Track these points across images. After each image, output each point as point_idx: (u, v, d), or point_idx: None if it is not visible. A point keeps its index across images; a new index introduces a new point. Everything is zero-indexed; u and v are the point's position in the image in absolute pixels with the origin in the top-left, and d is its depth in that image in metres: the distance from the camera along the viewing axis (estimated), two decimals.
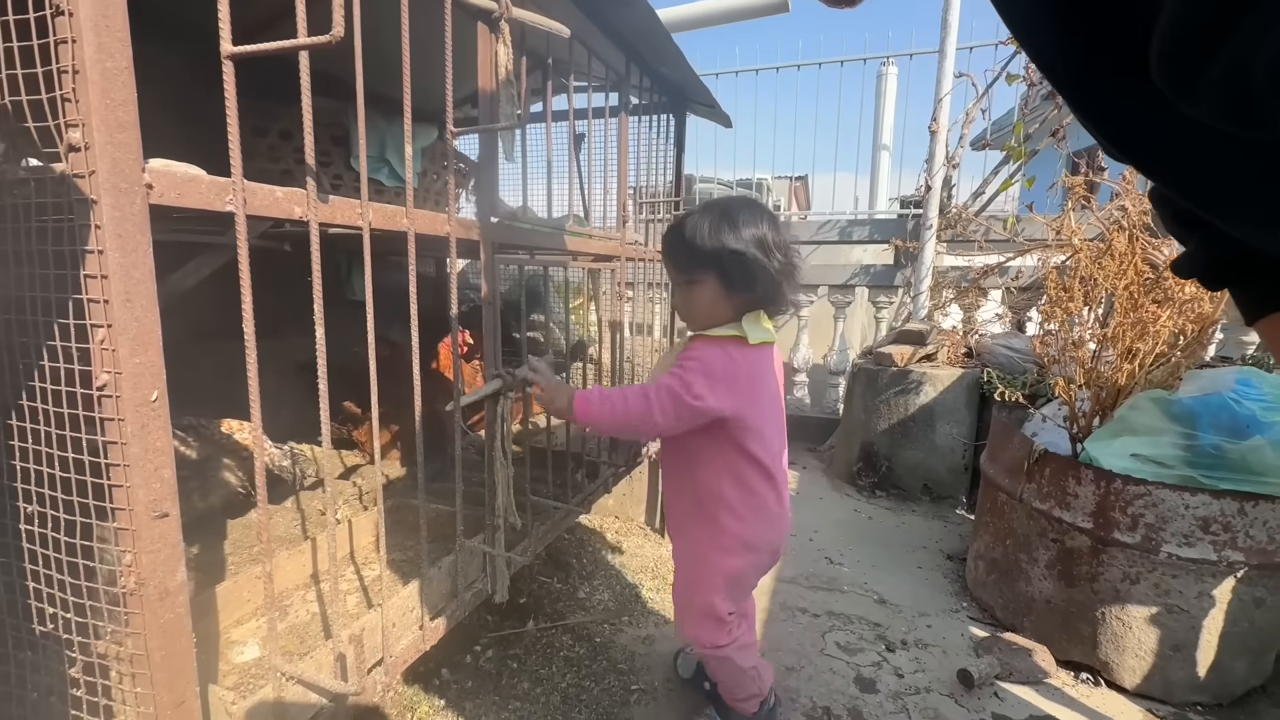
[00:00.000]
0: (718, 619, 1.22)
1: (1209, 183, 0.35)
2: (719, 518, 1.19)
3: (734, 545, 1.20)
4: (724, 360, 1.11)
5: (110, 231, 0.57)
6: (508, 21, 1.07)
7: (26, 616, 0.69)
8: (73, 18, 0.54)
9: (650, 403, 1.08)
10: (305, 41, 0.65)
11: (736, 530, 1.19)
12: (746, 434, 1.15)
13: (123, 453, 0.60)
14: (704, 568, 1.23)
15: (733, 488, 1.18)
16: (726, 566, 1.21)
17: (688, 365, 1.10)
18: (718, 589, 1.22)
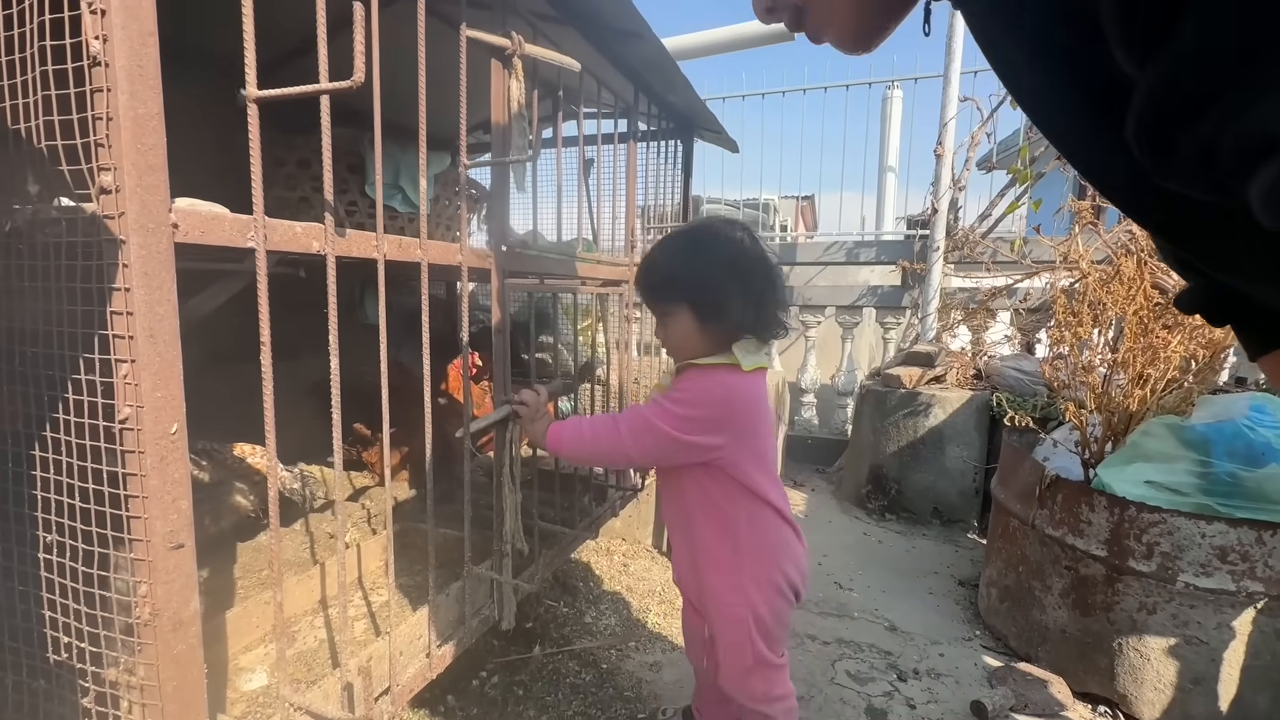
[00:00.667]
0: (766, 666, 1.13)
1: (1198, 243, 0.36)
2: (740, 562, 1.10)
3: (760, 592, 1.11)
4: (719, 389, 1.05)
5: (137, 270, 0.58)
6: (521, 58, 1.10)
7: (42, 645, 0.69)
8: (108, 68, 0.56)
9: (619, 432, 1.03)
10: (327, 87, 0.67)
11: (754, 571, 1.11)
12: (752, 469, 1.08)
13: (142, 484, 0.61)
14: (735, 623, 1.12)
15: (747, 528, 1.10)
16: (758, 612, 1.11)
17: (677, 398, 1.04)
18: (756, 639, 1.11)
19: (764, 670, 1.13)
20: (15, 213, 0.65)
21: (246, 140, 0.69)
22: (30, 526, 0.68)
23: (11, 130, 0.62)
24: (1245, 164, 0.25)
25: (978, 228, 3.41)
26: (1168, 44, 0.25)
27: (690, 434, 1.02)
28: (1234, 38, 0.24)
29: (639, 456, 1.06)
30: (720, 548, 1.12)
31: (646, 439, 1.03)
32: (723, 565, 1.12)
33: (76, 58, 0.58)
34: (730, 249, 1.07)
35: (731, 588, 1.12)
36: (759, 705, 1.15)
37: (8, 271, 0.66)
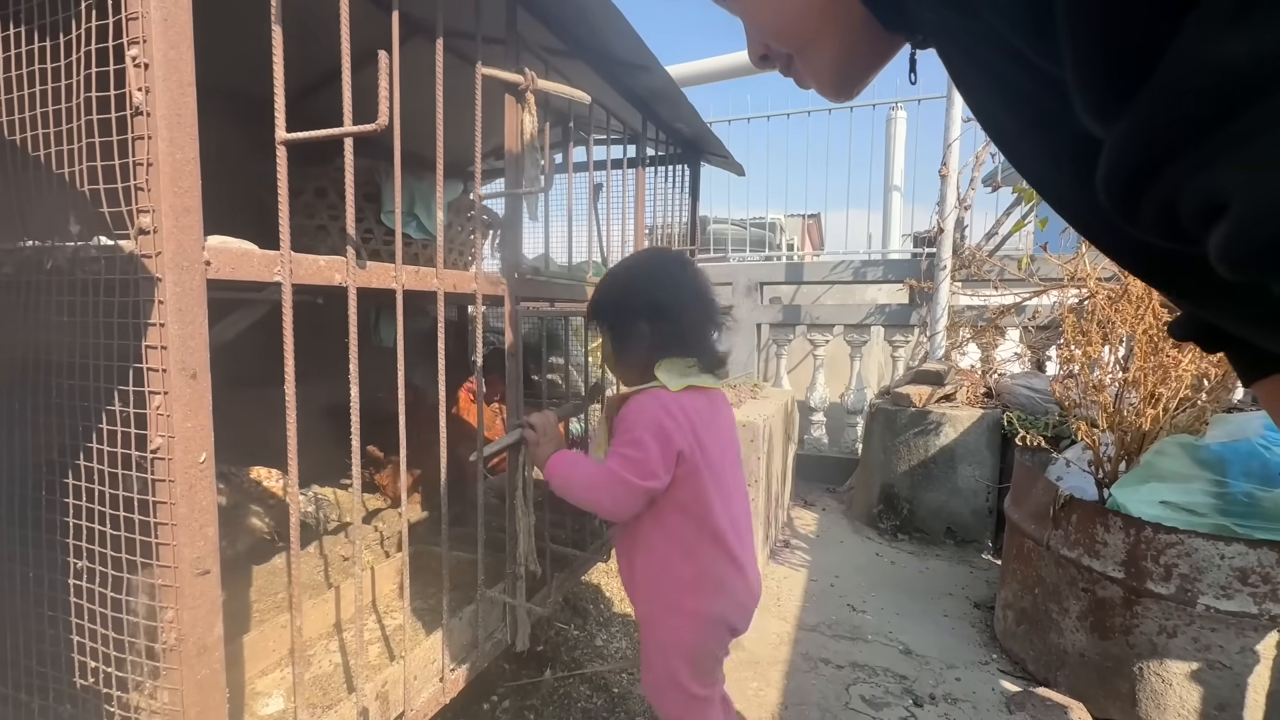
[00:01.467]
0: (685, 692, 1.11)
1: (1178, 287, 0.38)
2: (671, 592, 1.09)
3: (689, 622, 1.09)
4: (653, 408, 1.03)
5: (172, 306, 0.61)
6: (533, 92, 1.14)
7: (69, 670, 0.71)
8: (150, 117, 0.60)
9: (600, 495, 1.01)
10: (352, 130, 0.71)
11: (687, 601, 1.09)
12: (691, 491, 1.05)
13: (171, 512, 0.63)
14: (660, 649, 1.13)
15: (680, 555, 1.08)
16: (682, 640, 1.10)
17: (625, 441, 1.01)
18: (676, 661, 1.11)
19: (682, 697, 1.11)
20: (57, 250, 0.68)
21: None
22: (61, 553, 0.70)
23: (57, 174, 0.66)
24: (1200, 226, 0.27)
25: (984, 246, 3.43)
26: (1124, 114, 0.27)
27: (649, 479, 1.00)
28: (1184, 110, 0.25)
29: (615, 509, 1.02)
30: (658, 574, 1.10)
31: (621, 493, 1.00)
32: (656, 591, 1.11)
33: (120, 108, 0.61)
34: (645, 279, 1.10)
35: (663, 613, 1.11)
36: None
37: (47, 307, 0.69)
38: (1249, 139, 0.23)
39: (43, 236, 0.71)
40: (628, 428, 1.02)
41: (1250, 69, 0.23)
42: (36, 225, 0.71)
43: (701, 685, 1.11)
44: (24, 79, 0.68)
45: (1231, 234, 0.25)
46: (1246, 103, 0.23)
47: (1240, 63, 0.23)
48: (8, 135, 0.69)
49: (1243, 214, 0.24)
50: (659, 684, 1.13)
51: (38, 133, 0.68)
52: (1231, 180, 0.24)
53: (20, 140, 0.68)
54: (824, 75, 0.51)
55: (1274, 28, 0.22)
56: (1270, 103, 0.23)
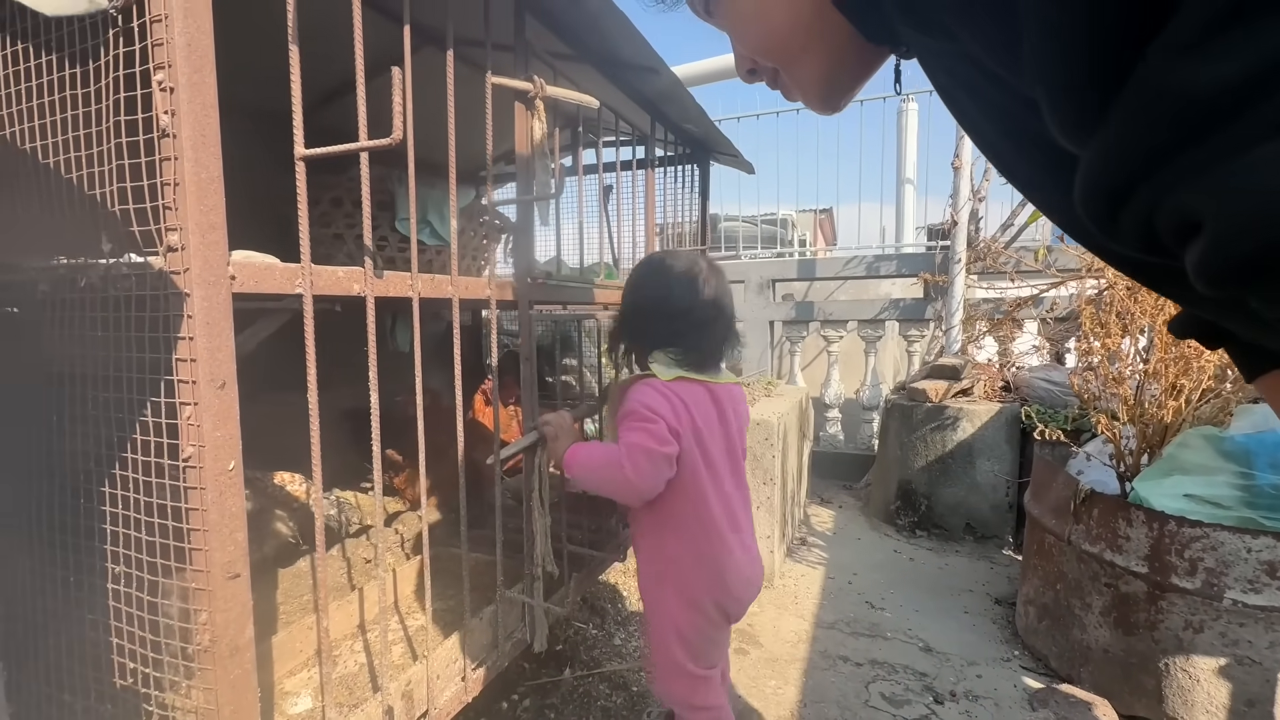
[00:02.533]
0: (686, 673, 1.16)
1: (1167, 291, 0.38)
2: (665, 571, 1.15)
3: (679, 601, 1.14)
4: (648, 393, 1.09)
5: (200, 320, 0.64)
6: (542, 99, 1.16)
7: (109, 670, 0.74)
8: (176, 139, 0.62)
9: (623, 466, 1.04)
10: (367, 145, 0.73)
11: (680, 582, 1.13)
12: (685, 475, 1.09)
13: (202, 518, 0.66)
14: (655, 622, 1.18)
15: (674, 535, 1.13)
16: (677, 621, 1.15)
17: (641, 414, 1.06)
18: (674, 644, 1.15)
19: (684, 678, 1.17)
20: (90, 268, 0.71)
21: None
22: (99, 558, 0.73)
23: (89, 195, 0.69)
24: (1177, 243, 0.27)
25: (1000, 237, 3.38)
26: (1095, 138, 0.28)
27: (666, 445, 1.05)
28: (1151, 136, 0.26)
29: (639, 481, 1.06)
30: (653, 556, 1.17)
31: (647, 465, 1.04)
32: (651, 573, 1.18)
33: (147, 130, 0.64)
34: (654, 278, 1.17)
35: (656, 596, 1.17)
36: (683, 711, 1.20)
37: (82, 322, 0.72)
38: (1213, 164, 0.24)
39: (76, 255, 0.74)
40: (630, 409, 1.08)
41: (1211, 96, 0.24)
42: (70, 244, 0.74)
43: (699, 665, 1.17)
44: (57, 105, 0.71)
45: (1206, 252, 0.25)
46: (1209, 129, 0.24)
47: (1201, 90, 0.24)
48: (44, 159, 0.72)
49: (1216, 233, 0.25)
50: (661, 666, 1.19)
51: (70, 155, 0.71)
52: (1203, 201, 0.25)
53: (55, 163, 0.71)
54: (811, 89, 0.52)
55: (1231, 58, 0.23)
56: (1234, 128, 0.23)
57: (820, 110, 0.55)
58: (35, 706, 0.78)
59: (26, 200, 0.76)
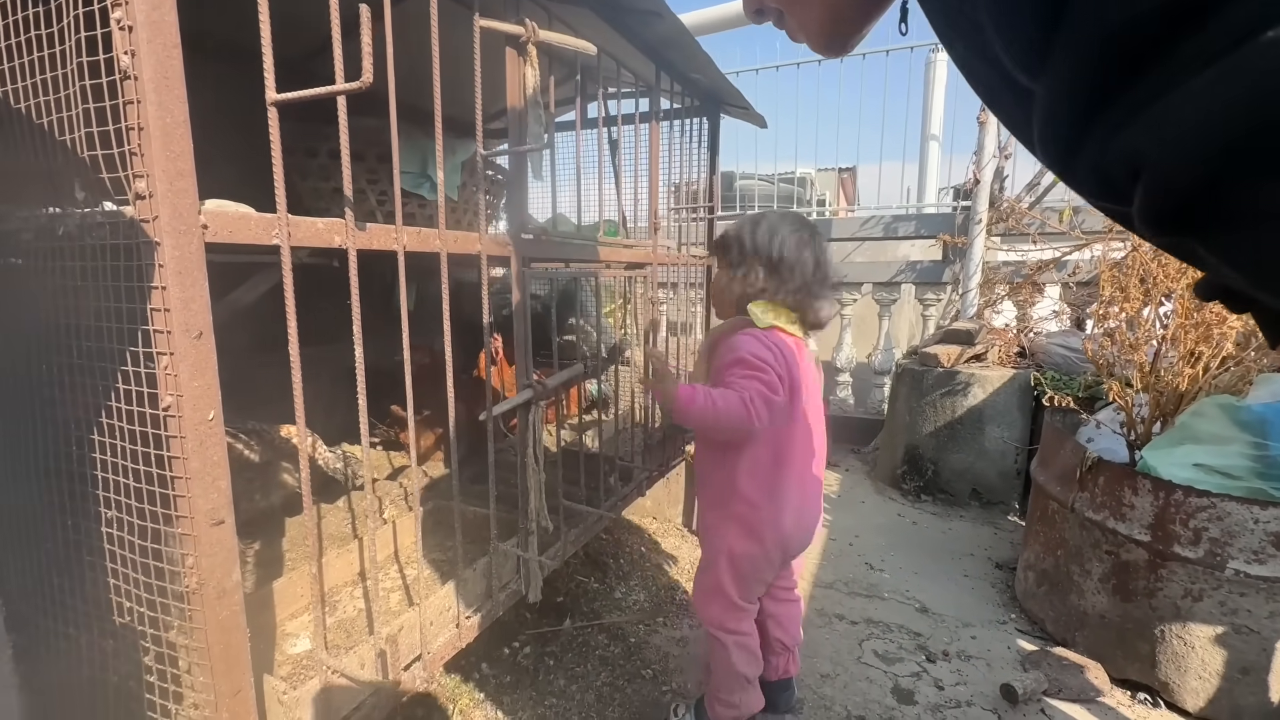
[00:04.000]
0: (726, 598, 1.26)
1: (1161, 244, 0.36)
2: (731, 503, 1.23)
3: (739, 530, 1.23)
4: (759, 344, 1.17)
5: (171, 269, 0.63)
6: (535, 44, 1.11)
7: (108, 609, 0.77)
8: (137, 81, 0.60)
9: (747, 407, 1.10)
10: (340, 88, 0.70)
11: (744, 516, 1.22)
12: (786, 422, 1.19)
13: (184, 466, 0.67)
14: (713, 549, 1.28)
15: (748, 474, 1.20)
16: (733, 548, 1.24)
17: (752, 364, 1.14)
18: (724, 569, 1.25)
19: (724, 602, 1.26)
20: (67, 217, 0.70)
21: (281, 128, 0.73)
22: (94, 503, 0.76)
23: (59, 141, 0.67)
24: (1127, 186, 0.25)
25: (1024, 198, 3.25)
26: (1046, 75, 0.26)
27: (778, 394, 1.13)
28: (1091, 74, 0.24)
29: (760, 425, 1.13)
30: (719, 482, 1.25)
31: (765, 411, 1.11)
32: (716, 501, 1.26)
33: (110, 72, 0.62)
34: (780, 234, 1.23)
35: (718, 524, 1.26)
36: (714, 629, 1.29)
37: (64, 272, 0.72)
38: (1149, 101, 0.23)
39: (54, 203, 0.73)
40: (740, 357, 1.15)
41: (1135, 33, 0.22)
42: (46, 192, 0.74)
43: (741, 597, 1.26)
44: (19, 47, 0.69)
45: (1144, 193, 0.24)
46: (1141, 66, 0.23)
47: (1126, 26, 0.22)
48: (14, 103, 0.71)
49: (1152, 172, 0.23)
50: (706, 588, 1.29)
51: (39, 100, 0.69)
52: (1142, 139, 0.23)
53: (25, 108, 0.70)
54: (814, 30, 0.49)
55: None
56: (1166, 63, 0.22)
57: (824, 52, 0.52)
58: (40, 640, 0.82)
59: (3, 148, 0.75)
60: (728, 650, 1.27)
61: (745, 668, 1.30)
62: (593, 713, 1.50)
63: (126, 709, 0.77)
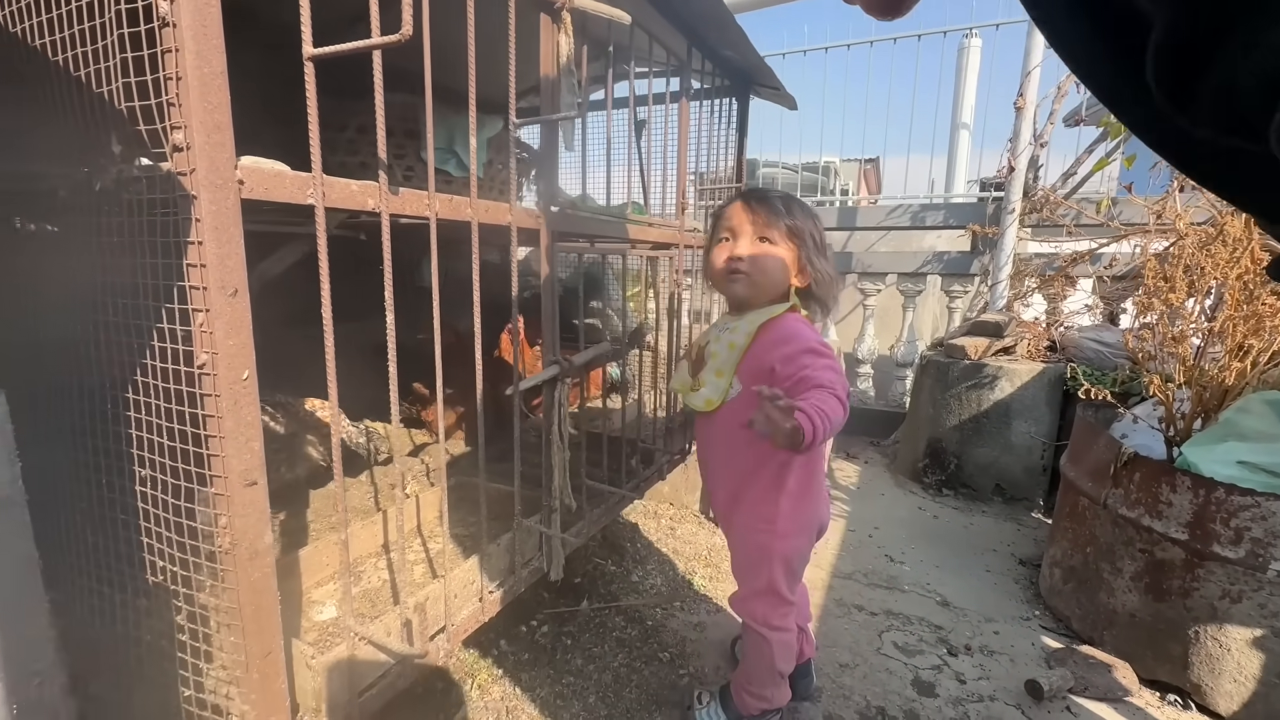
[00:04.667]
0: (777, 595, 1.23)
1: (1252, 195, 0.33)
2: (778, 500, 1.19)
3: (791, 529, 1.20)
4: (810, 331, 1.12)
5: (208, 224, 0.62)
6: (570, 11, 1.08)
7: (141, 568, 0.77)
8: (176, 29, 0.59)
9: (845, 406, 1.03)
10: (377, 41, 0.68)
11: (794, 514, 1.20)
12: None
13: (219, 425, 0.66)
14: (761, 552, 1.23)
15: (798, 469, 1.18)
16: (785, 546, 1.21)
17: (824, 352, 1.08)
18: (776, 568, 1.22)
19: (773, 599, 1.23)
20: (103, 172, 0.70)
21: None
22: (127, 462, 0.76)
23: (96, 94, 0.66)
24: (1267, 103, 0.22)
25: (1060, 188, 3.15)
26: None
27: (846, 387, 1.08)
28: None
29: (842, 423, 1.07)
30: (765, 485, 1.19)
31: (841, 408, 1.04)
32: (761, 502, 1.20)
33: (149, 19, 0.60)
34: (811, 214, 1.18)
35: (764, 520, 1.20)
36: (759, 627, 1.24)
37: (100, 228, 0.72)
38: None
39: (89, 159, 0.73)
40: (812, 347, 1.07)
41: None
42: (82, 147, 0.73)
43: (790, 590, 1.24)
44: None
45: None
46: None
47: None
48: (51, 55, 0.70)
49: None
50: (756, 589, 1.25)
51: (76, 51, 0.68)
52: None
53: (61, 61, 0.69)
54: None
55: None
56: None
57: (881, 15, 0.48)
58: (77, 597, 0.83)
59: (39, 102, 0.75)
60: (771, 647, 1.25)
61: (784, 664, 1.28)
62: (610, 692, 1.50)
63: (158, 667, 0.78)
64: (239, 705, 0.72)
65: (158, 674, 0.78)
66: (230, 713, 0.76)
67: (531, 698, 1.46)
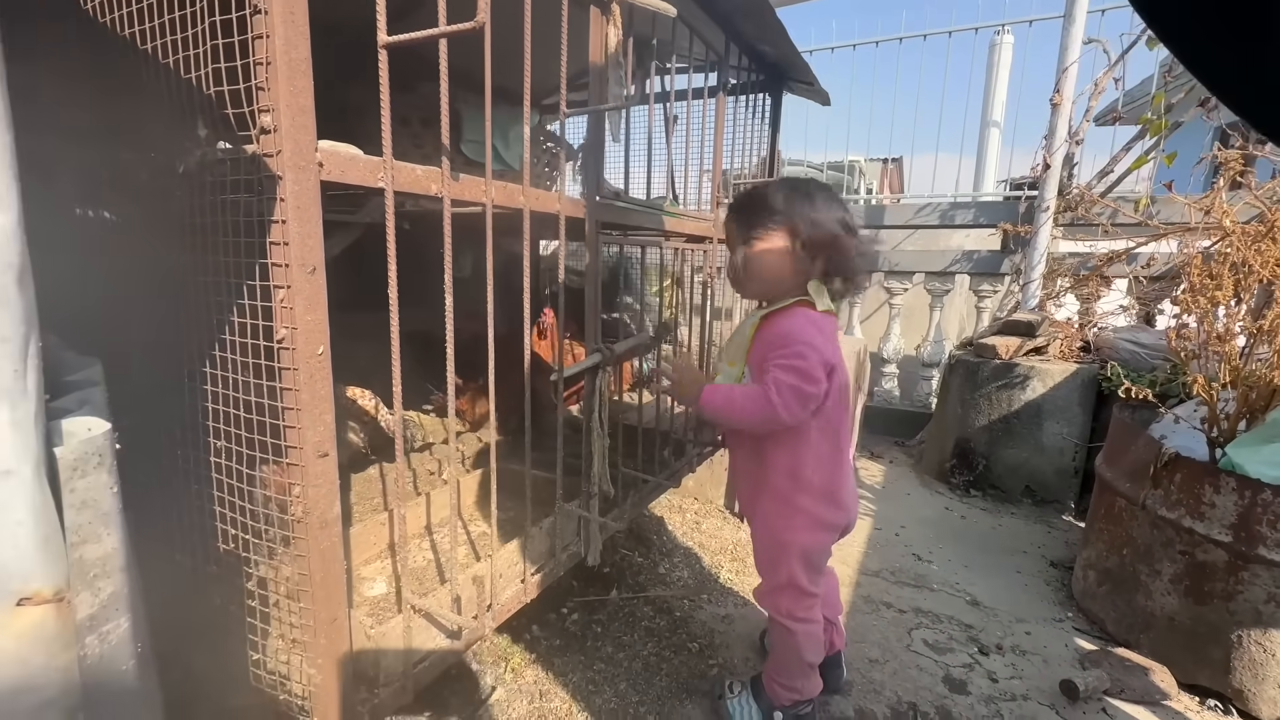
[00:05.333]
0: (799, 589, 1.23)
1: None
2: (795, 497, 1.19)
3: (808, 523, 1.20)
4: (815, 330, 1.10)
5: (291, 204, 0.65)
6: (618, 3, 1.10)
7: (213, 536, 0.81)
8: (267, 15, 0.61)
9: (773, 405, 1.06)
10: (448, 30, 0.71)
11: (812, 509, 1.19)
12: (830, 405, 1.14)
13: (296, 398, 0.69)
14: (779, 548, 1.24)
15: (811, 464, 1.17)
16: (803, 542, 1.22)
17: (797, 351, 1.07)
18: (795, 563, 1.22)
19: (794, 592, 1.23)
20: (188, 154, 0.73)
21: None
22: (204, 434, 0.79)
23: (185, 79, 0.70)
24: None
25: (1095, 186, 3.10)
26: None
27: (815, 384, 1.07)
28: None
29: (791, 420, 1.08)
30: (779, 480, 1.20)
31: (795, 404, 1.06)
32: (776, 496, 1.21)
33: (240, 8, 0.63)
34: (833, 200, 1.15)
35: (780, 515, 1.22)
36: (783, 619, 1.26)
37: (183, 208, 0.75)
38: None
39: (174, 144, 0.76)
40: (786, 341, 1.09)
41: None
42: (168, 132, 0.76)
43: (813, 584, 1.24)
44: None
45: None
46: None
47: None
48: (143, 44, 0.74)
49: None
50: (777, 584, 1.26)
51: (168, 39, 0.71)
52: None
53: (154, 47, 0.73)
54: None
55: None
56: None
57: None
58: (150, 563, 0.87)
59: (126, 90, 0.78)
60: (797, 639, 1.26)
61: (812, 655, 1.28)
62: (640, 680, 1.51)
63: (227, 632, 0.81)
64: (305, 669, 0.75)
65: (225, 639, 0.82)
66: (293, 678, 0.79)
67: (563, 682, 1.48)
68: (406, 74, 1.05)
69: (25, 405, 0.38)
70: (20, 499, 0.38)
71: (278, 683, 0.80)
